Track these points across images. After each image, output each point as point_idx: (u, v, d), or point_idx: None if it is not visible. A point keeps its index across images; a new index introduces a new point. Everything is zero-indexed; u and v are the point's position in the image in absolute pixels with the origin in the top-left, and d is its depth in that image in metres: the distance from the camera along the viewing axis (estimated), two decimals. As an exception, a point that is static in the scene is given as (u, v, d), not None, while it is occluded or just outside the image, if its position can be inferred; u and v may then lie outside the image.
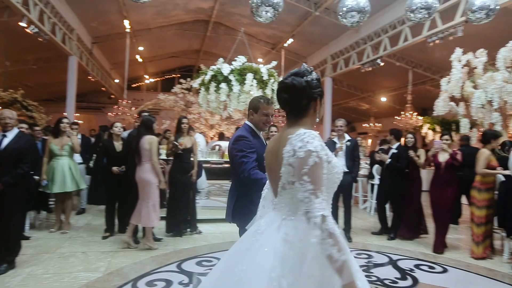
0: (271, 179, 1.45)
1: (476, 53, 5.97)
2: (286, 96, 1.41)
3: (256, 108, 2.40)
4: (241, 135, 2.35)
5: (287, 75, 1.44)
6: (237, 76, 5.78)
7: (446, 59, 10.96)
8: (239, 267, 1.27)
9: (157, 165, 4.18)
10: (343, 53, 12.01)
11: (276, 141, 1.43)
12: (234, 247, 1.45)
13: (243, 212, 2.31)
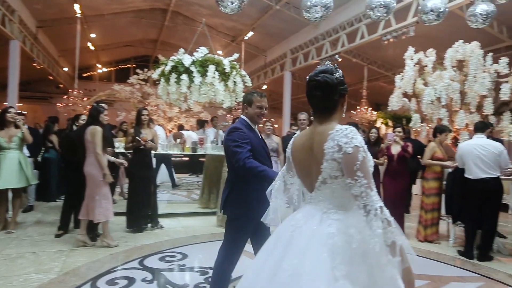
0: (302, 175, 1.49)
1: (427, 53, 6.34)
2: (320, 94, 1.43)
3: (250, 101, 2.46)
4: (235, 127, 2.41)
5: (314, 73, 1.46)
6: (198, 68, 5.64)
7: (399, 57, 11.54)
8: (288, 262, 1.28)
9: (100, 157, 3.90)
10: (303, 48, 12.20)
11: (307, 137, 1.46)
12: (270, 243, 1.46)
13: (235, 204, 2.39)
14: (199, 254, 3.94)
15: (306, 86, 1.47)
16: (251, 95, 2.48)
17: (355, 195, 1.27)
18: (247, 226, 2.37)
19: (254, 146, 2.35)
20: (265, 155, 2.48)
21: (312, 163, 1.40)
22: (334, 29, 10.53)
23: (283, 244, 1.38)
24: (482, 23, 5.06)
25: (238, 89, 5.98)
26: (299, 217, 1.42)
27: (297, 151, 1.51)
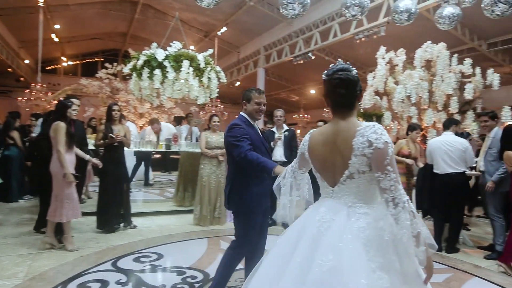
0: (324, 170, 1.51)
1: (397, 52, 6.54)
2: (344, 91, 1.47)
3: (249, 98, 2.51)
4: (235, 124, 2.47)
5: (333, 71, 1.51)
6: (172, 63, 5.49)
7: (370, 56, 11.84)
8: (322, 258, 1.29)
9: (61, 155, 3.65)
10: (276, 45, 12.24)
11: (329, 133, 1.49)
12: (290, 238, 1.47)
13: (238, 198, 2.44)
14: (175, 253, 3.84)
15: (327, 84, 1.50)
16: (250, 92, 2.54)
17: (384, 188, 1.33)
18: (255, 219, 2.46)
19: (254, 142, 2.42)
20: (264, 150, 2.53)
21: (336, 159, 1.45)
22: (307, 27, 10.62)
23: (310, 239, 1.38)
24: (449, 25, 5.28)
25: (213, 85, 5.88)
26: (323, 212, 1.43)
27: (317, 147, 1.53)
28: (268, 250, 1.66)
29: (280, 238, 1.56)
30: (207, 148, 5.13)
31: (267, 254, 1.64)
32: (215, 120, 5.29)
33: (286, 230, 1.60)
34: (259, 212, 2.50)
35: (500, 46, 9.03)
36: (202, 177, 5.12)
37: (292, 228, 1.54)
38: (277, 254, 1.51)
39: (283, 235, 1.57)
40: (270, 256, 1.55)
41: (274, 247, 1.57)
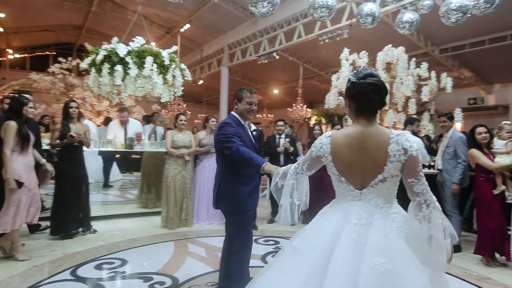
0: (351, 173, 1.51)
1: (360, 54, 6.74)
2: (377, 97, 1.51)
3: (240, 98, 2.51)
4: (225, 122, 2.46)
5: (363, 74, 1.51)
6: (135, 59, 5.25)
7: (332, 57, 12.16)
8: (373, 260, 1.31)
9: (6, 157, 3.32)
10: (241, 44, 12.18)
11: (356, 136, 1.50)
12: (321, 242, 1.45)
13: (227, 197, 2.42)
14: (141, 258, 3.65)
15: (358, 87, 1.50)
16: (242, 92, 2.52)
17: (417, 192, 1.45)
18: (245, 216, 2.44)
19: (244, 142, 2.40)
20: (253, 150, 2.47)
21: (366, 162, 1.48)
22: (272, 27, 10.67)
23: (352, 244, 1.39)
24: (409, 30, 5.52)
25: (177, 83, 5.71)
26: (358, 215, 1.46)
27: (343, 150, 1.52)
28: (278, 259, 1.61)
29: (299, 245, 1.52)
30: (173, 147, 4.96)
31: (276, 262, 1.59)
32: (182, 119, 5.14)
33: (304, 236, 1.56)
34: (249, 211, 2.47)
35: (450, 52, 9.65)
36: (167, 178, 4.94)
37: (318, 233, 1.51)
38: (299, 261, 1.46)
39: (299, 242, 1.54)
40: (286, 265, 1.50)
41: (291, 254, 1.53)
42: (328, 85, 15.66)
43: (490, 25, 7.83)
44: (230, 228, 2.57)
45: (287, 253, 1.58)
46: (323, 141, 1.58)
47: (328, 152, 1.55)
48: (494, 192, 3.62)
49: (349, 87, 1.56)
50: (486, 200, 3.66)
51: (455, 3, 4.45)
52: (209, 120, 5.45)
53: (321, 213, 1.65)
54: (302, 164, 1.67)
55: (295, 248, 1.54)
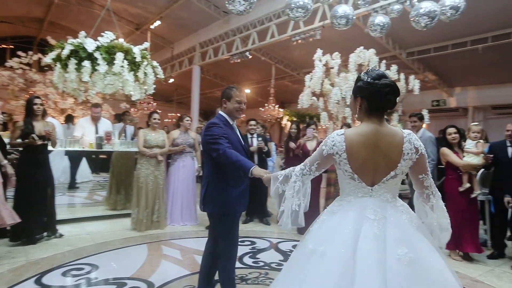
0: (363, 170, 1.55)
1: (333, 56, 6.85)
2: (394, 98, 1.55)
3: (229, 96, 2.43)
4: (212, 122, 2.38)
5: (377, 75, 1.56)
6: (104, 55, 5.03)
7: (304, 58, 12.30)
8: (397, 252, 1.39)
9: None
10: (213, 42, 12.04)
11: (370, 135, 1.55)
12: (343, 237, 1.46)
13: (214, 200, 2.34)
14: (113, 263, 3.49)
15: (372, 87, 1.53)
16: (231, 90, 2.45)
17: (426, 186, 1.61)
18: (233, 220, 2.38)
19: (232, 143, 2.32)
20: (241, 150, 2.41)
21: (379, 160, 1.54)
22: (245, 26, 10.63)
23: (374, 239, 1.43)
24: (380, 33, 5.68)
25: (149, 81, 5.53)
26: (373, 211, 1.51)
27: (358, 148, 1.55)
28: (295, 264, 1.59)
29: (318, 246, 1.49)
30: (145, 147, 4.79)
31: (292, 268, 1.56)
32: (155, 117, 4.98)
33: (321, 236, 1.54)
34: (236, 214, 2.40)
35: (416, 55, 10.06)
36: (139, 178, 4.76)
37: (337, 232, 1.49)
38: (324, 264, 1.43)
39: (318, 243, 1.51)
40: (310, 269, 1.46)
41: (311, 257, 1.49)
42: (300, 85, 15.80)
43: (452, 31, 8.23)
44: (215, 231, 2.48)
45: (305, 257, 1.53)
46: (335, 139, 1.57)
47: (342, 150, 1.55)
48: (460, 189, 3.80)
49: (362, 86, 1.58)
50: (453, 196, 3.84)
51: (424, 8, 4.62)
52: (184, 119, 5.32)
53: (330, 212, 1.64)
54: (311, 165, 1.65)
55: (313, 250, 1.51)
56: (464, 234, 3.77)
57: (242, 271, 3.34)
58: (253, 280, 3.15)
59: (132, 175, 5.88)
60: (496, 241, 4.09)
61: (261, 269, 3.44)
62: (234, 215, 2.39)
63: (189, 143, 5.18)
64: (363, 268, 1.35)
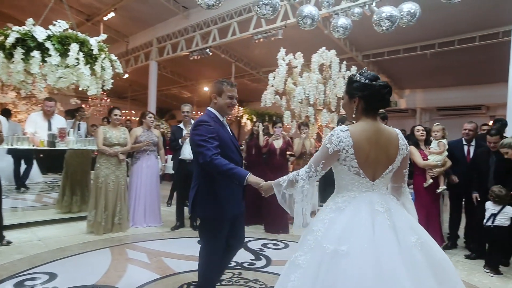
0: (366, 165, 1.59)
1: (295, 55, 6.94)
2: (389, 97, 1.65)
3: (220, 91, 2.29)
4: (201, 120, 2.22)
5: (373, 76, 1.64)
6: (57, 45, 4.65)
7: (265, 57, 12.38)
8: (411, 239, 1.49)
9: None
10: (171, 38, 11.67)
11: (372, 131, 1.61)
12: (363, 228, 1.49)
13: (203, 202, 2.21)
14: (73, 270, 3.22)
15: (371, 88, 1.61)
16: (221, 84, 2.30)
17: (405, 180, 1.76)
18: (221, 225, 2.22)
19: (223, 140, 2.20)
20: (234, 149, 2.29)
21: (380, 155, 1.61)
22: (205, 23, 10.43)
23: (388, 230, 1.49)
24: (343, 34, 5.86)
25: (107, 75, 5.22)
26: (379, 205, 1.57)
27: (363, 144, 1.58)
28: (315, 270, 1.48)
29: (339, 247, 1.46)
30: (105, 145, 4.50)
31: (312, 273, 1.47)
32: (117, 114, 4.70)
33: (337, 236, 1.50)
34: (227, 218, 2.24)
35: (371, 58, 10.56)
36: (98, 178, 4.46)
37: (354, 230, 1.50)
38: (350, 264, 1.41)
39: (337, 244, 1.47)
40: (338, 273, 1.42)
41: (333, 259, 1.44)
42: (259, 84, 15.92)
43: (405, 36, 8.73)
44: (200, 234, 2.37)
45: (327, 260, 1.46)
46: (340, 135, 1.58)
47: (349, 146, 1.57)
48: (424, 185, 4.05)
49: (359, 86, 1.64)
50: (419, 192, 4.07)
51: (386, 12, 4.84)
52: (146, 116, 5.08)
53: (337, 209, 1.60)
54: (316, 165, 1.63)
55: (335, 251, 1.45)
56: (427, 228, 4.00)
57: (215, 272, 3.25)
58: (227, 281, 3.08)
59: (88, 175, 5.52)
60: (451, 233, 4.40)
61: (233, 269, 3.37)
62: (223, 218, 2.22)
63: (153, 141, 4.95)
64: (388, 259, 1.40)
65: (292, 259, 1.60)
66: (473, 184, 4.05)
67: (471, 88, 10.76)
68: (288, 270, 1.59)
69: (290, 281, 1.52)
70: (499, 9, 7.13)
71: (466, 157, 4.30)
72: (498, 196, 3.49)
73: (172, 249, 3.91)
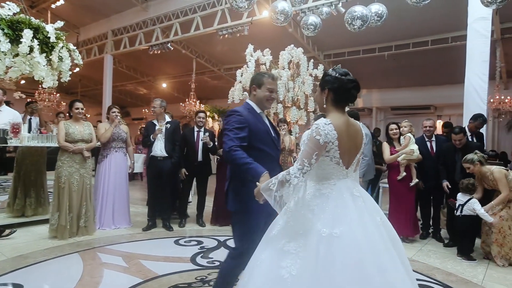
0: (345, 155, 1.72)
1: (264, 52, 6.91)
2: (356, 93, 1.78)
3: (260, 83, 2.22)
4: (233, 110, 2.16)
5: (344, 71, 1.77)
6: (7, 30, 4.17)
7: (227, 54, 12.24)
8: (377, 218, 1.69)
9: None
10: (128, 30, 11.10)
11: (347, 124, 1.74)
12: (352, 207, 1.64)
13: (235, 196, 2.12)
14: (42, 280, 2.88)
15: (340, 82, 1.74)
16: (262, 76, 2.24)
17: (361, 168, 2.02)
18: (256, 219, 2.09)
19: (256, 133, 2.09)
20: (270, 142, 2.16)
21: (352, 145, 1.75)
22: (166, 16, 10.06)
23: (364, 210, 1.66)
24: (313, 32, 5.95)
25: (65, 66, 4.80)
26: (355, 190, 1.72)
27: (343, 135, 1.70)
28: (314, 255, 1.55)
29: (333, 230, 1.57)
30: (68, 141, 4.11)
31: (312, 259, 1.55)
32: (78, 107, 4.34)
33: (330, 220, 1.61)
34: (261, 211, 2.05)
35: (332, 58, 10.89)
36: (60, 178, 4.07)
37: (344, 214, 1.63)
38: (348, 246, 1.54)
39: (332, 227, 1.58)
40: (343, 255, 1.53)
41: (331, 242, 1.55)
42: (219, 82, 15.76)
43: (364, 37, 9.10)
44: (234, 232, 2.23)
45: (324, 242, 1.54)
46: (326, 127, 1.66)
47: (334, 138, 1.66)
48: (398, 178, 4.23)
49: (330, 80, 1.77)
50: (394, 185, 4.23)
51: (358, 12, 4.98)
52: (110, 110, 4.75)
53: (322, 196, 1.69)
54: (309, 159, 1.64)
55: (330, 235, 1.55)
56: (402, 219, 4.18)
57: (200, 273, 3.11)
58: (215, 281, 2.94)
59: (43, 175, 5.04)
60: (424, 222, 4.66)
61: (217, 268, 3.24)
62: (255, 212, 2.09)
63: (121, 137, 4.64)
64: (371, 237, 1.58)
65: (279, 246, 1.66)
66: (441, 175, 4.33)
67: (422, 89, 11.55)
68: (275, 258, 1.64)
69: (283, 267, 1.59)
70: (450, 16, 7.68)
71: (430, 152, 4.57)
72: (467, 187, 3.75)
73: (148, 251, 3.67)
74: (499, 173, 3.67)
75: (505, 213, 3.66)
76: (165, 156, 4.59)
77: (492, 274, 3.37)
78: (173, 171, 4.70)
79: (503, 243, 3.61)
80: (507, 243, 3.60)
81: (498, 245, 3.63)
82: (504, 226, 3.64)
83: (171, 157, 4.62)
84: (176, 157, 4.66)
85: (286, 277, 1.56)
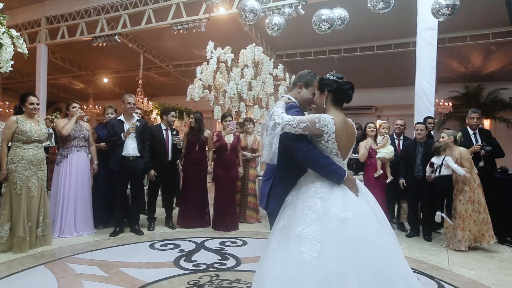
0: (345, 149, 1.94)
1: (224, 50, 6.82)
2: (352, 93, 1.98)
3: (310, 84, 2.10)
4: (291, 105, 2.05)
5: (339, 75, 1.98)
6: None
7: (176, 50, 11.85)
8: (372, 201, 1.91)
9: None
10: (67, 19, 10.14)
11: (344, 121, 1.94)
12: (361, 200, 1.85)
13: (280, 197, 1.99)
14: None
15: (338, 85, 1.94)
16: (313, 77, 2.10)
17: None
18: None
19: None
20: None
21: (348, 139, 1.96)
22: (112, 6, 9.38)
23: (365, 193, 1.93)
24: (277, 32, 6.01)
25: (6, 55, 4.25)
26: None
27: (341, 131, 1.89)
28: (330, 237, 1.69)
29: (346, 213, 1.74)
30: (24, 141, 3.64)
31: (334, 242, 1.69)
32: (33, 101, 3.85)
33: (341, 206, 1.77)
34: None
35: (284, 58, 11.13)
36: (15, 184, 3.57)
37: (351, 199, 1.83)
38: (363, 226, 1.75)
39: (344, 212, 1.74)
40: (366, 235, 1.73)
41: (345, 224, 1.71)
42: (167, 78, 15.22)
43: (315, 39, 9.45)
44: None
45: (343, 225, 1.70)
46: (328, 121, 1.85)
47: (332, 131, 1.86)
48: (375, 175, 4.50)
49: (329, 82, 1.96)
50: (370, 182, 4.50)
51: (325, 15, 5.17)
52: (70, 106, 4.32)
53: (328, 185, 1.85)
54: (299, 122, 1.82)
55: (345, 218, 1.72)
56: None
57: (190, 277, 2.98)
58: (209, 284, 2.85)
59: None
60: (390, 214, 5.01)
61: (207, 272, 3.14)
62: None
63: (83, 135, 4.23)
64: (375, 217, 1.83)
65: (296, 233, 1.75)
66: (400, 171, 4.69)
67: (365, 91, 12.34)
68: (295, 244, 1.72)
69: (304, 252, 1.68)
70: (396, 24, 8.35)
71: (397, 150, 4.94)
72: (439, 148, 4.10)
73: (125, 258, 3.42)
74: (467, 153, 4.09)
75: (463, 197, 4.07)
76: (138, 156, 4.30)
77: (453, 259, 3.75)
78: (145, 172, 4.44)
79: (463, 227, 4.02)
80: (466, 226, 4.02)
81: (461, 229, 4.03)
82: (461, 210, 4.05)
83: (143, 157, 4.35)
84: (147, 156, 4.40)
85: (308, 260, 1.65)
